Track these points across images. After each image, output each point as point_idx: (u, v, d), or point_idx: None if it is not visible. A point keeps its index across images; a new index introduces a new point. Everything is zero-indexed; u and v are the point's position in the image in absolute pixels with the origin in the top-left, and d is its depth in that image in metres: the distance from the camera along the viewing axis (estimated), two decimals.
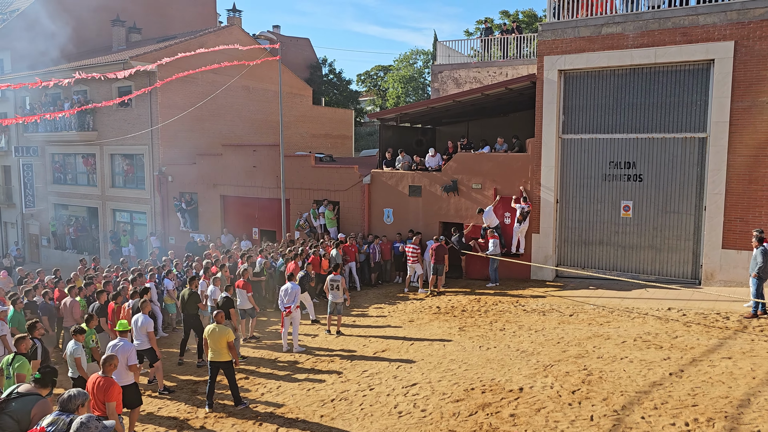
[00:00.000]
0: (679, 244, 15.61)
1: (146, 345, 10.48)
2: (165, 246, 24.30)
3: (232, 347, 9.66)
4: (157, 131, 25.19)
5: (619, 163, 16.07)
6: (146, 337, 10.45)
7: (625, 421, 7.55)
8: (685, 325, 12.01)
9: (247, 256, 16.30)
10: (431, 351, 11.34)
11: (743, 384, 8.51)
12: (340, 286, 13.45)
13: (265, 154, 22.49)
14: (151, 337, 10.44)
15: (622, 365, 9.60)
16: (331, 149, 32.97)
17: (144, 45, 29.10)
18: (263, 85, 29.28)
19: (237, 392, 9.74)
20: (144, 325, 10.41)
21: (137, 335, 10.49)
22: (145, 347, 10.49)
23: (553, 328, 12.29)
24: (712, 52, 14.46)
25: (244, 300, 13.35)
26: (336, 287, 13.45)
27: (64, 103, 27.87)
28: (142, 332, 10.43)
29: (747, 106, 14.24)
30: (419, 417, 8.35)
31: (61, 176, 30.77)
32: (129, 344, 8.85)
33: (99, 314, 11.58)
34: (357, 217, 20.28)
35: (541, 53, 16.53)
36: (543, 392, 8.71)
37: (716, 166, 14.67)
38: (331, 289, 13.47)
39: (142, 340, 10.46)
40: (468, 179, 17.96)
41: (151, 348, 10.51)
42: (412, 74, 47.51)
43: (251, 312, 13.68)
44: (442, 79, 24.58)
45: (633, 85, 15.74)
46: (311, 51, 50.62)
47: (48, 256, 30.18)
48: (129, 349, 8.74)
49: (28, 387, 5.72)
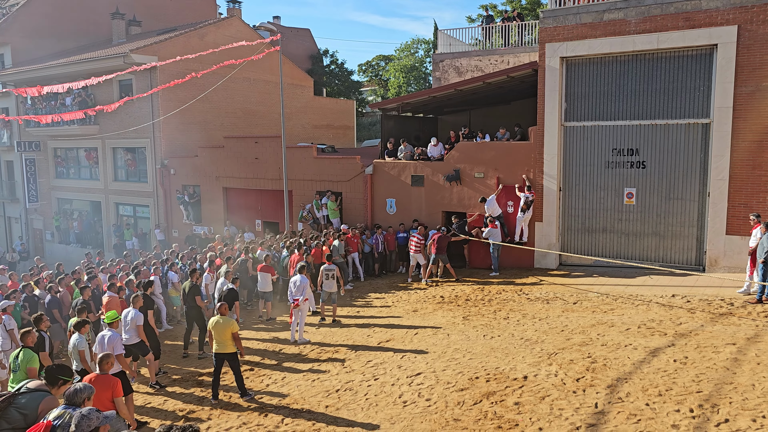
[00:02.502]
0: (682, 231, 15.57)
1: (136, 339, 10.52)
2: (169, 239, 24.36)
3: (237, 338, 9.69)
4: (159, 124, 25.17)
5: (622, 150, 16.00)
6: (136, 330, 10.46)
7: (629, 408, 7.56)
8: (689, 311, 12.00)
9: (249, 248, 16.37)
10: (435, 340, 11.36)
11: (748, 370, 8.50)
12: (334, 275, 13.63)
13: (267, 146, 22.46)
14: (140, 331, 10.44)
15: (627, 352, 9.60)
16: (333, 140, 32.90)
17: (144, 38, 29.00)
18: (264, 77, 29.20)
19: (242, 384, 9.77)
20: (134, 319, 10.42)
21: (129, 328, 10.52)
22: (135, 341, 10.53)
23: (557, 316, 12.29)
24: (715, 37, 14.35)
25: (266, 283, 14.44)
26: (330, 276, 13.59)
27: (65, 97, 27.83)
28: (132, 326, 10.44)
29: (750, 91, 14.14)
30: (424, 406, 8.37)
31: (64, 171, 30.80)
32: (116, 334, 9.02)
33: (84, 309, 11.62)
34: (360, 208, 20.26)
35: (543, 40, 16.42)
36: (547, 380, 8.72)
37: (720, 152, 14.59)
38: (326, 279, 13.59)
39: (131, 334, 10.50)
40: (470, 168, 17.91)
41: (140, 342, 10.54)
42: (414, 63, 47.32)
43: (269, 295, 14.67)
44: (443, 68, 24.46)
45: (635, 71, 15.64)
46: (312, 41, 50.42)
47: (52, 250, 30.28)
48: (116, 339, 8.93)
49: (38, 383, 5.75)
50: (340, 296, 14.23)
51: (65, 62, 27.39)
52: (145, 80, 24.78)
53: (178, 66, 21.91)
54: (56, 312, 12.78)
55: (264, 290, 14.67)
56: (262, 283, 14.67)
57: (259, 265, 14.89)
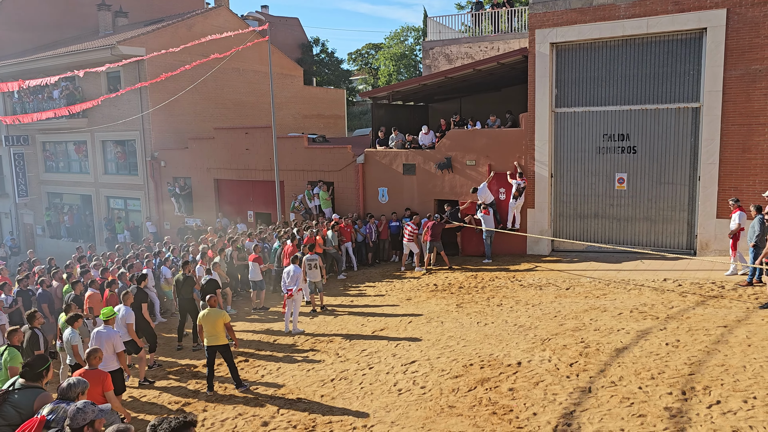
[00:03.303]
0: (673, 215, 15.65)
1: (126, 337, 10.48)
2: (161, 232, 24.26)
3: (229, 328, 9.69)
4: (148, 116, 24.96)
5: (613, 135, 16.03)
6: (126, 328, 10.41)
7: (622, 392, 7.62)
8: (680, 295, 12.08)
9: (234, 240, 16.39)
10: (429, 328, 11.40)
11: (739, 351, 8.58)
12: (317, 265, 13.80)
13: (258, 137, 22.35)
14: (130, 328, 10.37)
15: (619, 337, 9.67)
16: (324, 129, 32.74)
17: (131, 29, 28.69)
18: (254, 67, 28.99)
19: (237, 375, 9.78)
20: (124, 317, 10.35)
21: (118, 326, 10.47)
22: (126, 339, 10.49)
23: (549, 302, 12.35)
24: (705, 21, 14.35)
25: (256, 273, 14.84)
26: (314, 266, 13.74)
27: (53, 90, 27.53)
28: (122, 324, 10.38)
29: (740, 74, 14.18)
30: (419, 394, 8.41)
31: (53, 164, 30.53)
32: (113, 331, 8.86)
33: (75, 303, 11.57)
34: (352, 197, 20.23)
35: (533, 26, 16.38)
36: (541, 366, 8.77)
37: (710, 136, 14.65)
38: (309, 269, 13.66)
39: (122, 332, 10.45)
40: (462, 156, 17.90)
41: (130, 340, 10.50)
42: (404, 51, 47.06)
43: (261, 284, 15.01)
44: (433, 55, 24.37)
45: (625, 56, 15.64)
46: (301, 31, 50.03)
47: (43, 245, 30.09)
48: (113, 335, 8.75)
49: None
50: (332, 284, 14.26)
51: (51, 55, 27.07)
52: (133, 72, 24.54)
53: (167, 57, 21.72)
54: (46, 307, 12.69)
55: (254, 279, 15.03)
56: (252, 272, 15.00)
57: (251, 255, 15.12)
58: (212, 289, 12.17)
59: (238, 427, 8.28)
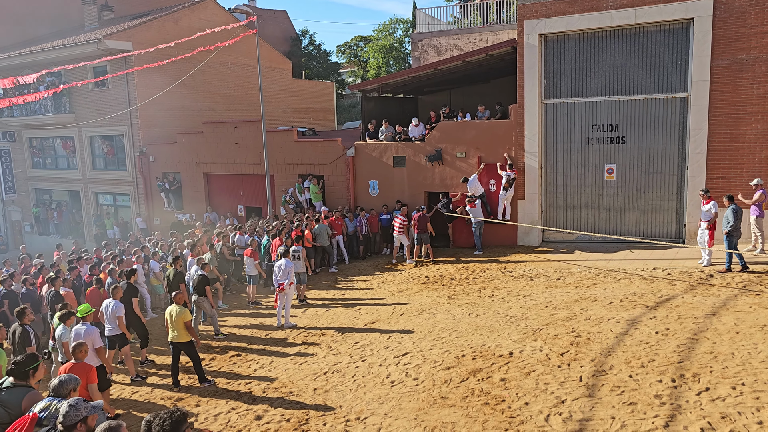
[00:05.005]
0: (662, 205, 15.76)
1: (117, 330, 10.48)
2: (150, 227, 24.12)
3: (189, 327, 9.77)
4: (136, 111, 24.75)
5: (602, 125, 16.09)
6: (116, 322, 10.41)
7: (613, 380, 7.70)
8: (669, 283, 12.19)
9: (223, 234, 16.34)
10: (421, 320, 11.44)
11: (727, 339, 8.68)
12: (300, 257, 13.91)
13: (247, 130, 22.23)
14: (120, 321, 10.40)
15: (610, 326, 9.75)
16: (314, 123, 32.65)
17: (117, 23, 28.39)
18: (242, 60, 28.79)
19: (201, 370, 9.89)
20: (114, 311, 10.36)
21: (108, 320, 10.46)
22: (116, 332, 10.49)
23: (540, 292, 12.42)
24: (692, 11, 14.41)
25: (251, 267, 14.97)
26: (297, 257, 13.80)
27: (38, 86, 27.23)
28: (113, 317, 10.38)
29: (727, 64, 14.26)
30: (411, 386, 8.45)
31: (41, 161, 30.24)
32: (92, 327, 8.85)
33: (54, 301, 11.52)
34: (342, 191, 20.20)
35: (521, 17, 16.38)
36: (533, 356, 8.83)
37: (698, 126, 14.74)
38: (293, 260, 13.66)
39: (113, 325, 10.44)
40: (452, 148, 17.91)
41: (122, 333, 10.50)
42: (393, 44, 46.92)
43: (255, 279, 15.12)
44: (422, 47, 24.32)
45: (614, 47, 15.68)
46: (289, 23, 49.76)
47: (32, 242, 29.83)
48: (93, 332, 8.75)
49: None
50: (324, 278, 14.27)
51: (36, 50, 26.75)
52: (120, 66, 24.29)
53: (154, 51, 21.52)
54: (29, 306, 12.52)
55: (249, 274, 15.13)
56: (248, 267, 15.11)
57: (247, 250, 15.15)
58: (203, 285, 12.21)
59: (231, 422, 8.28)
